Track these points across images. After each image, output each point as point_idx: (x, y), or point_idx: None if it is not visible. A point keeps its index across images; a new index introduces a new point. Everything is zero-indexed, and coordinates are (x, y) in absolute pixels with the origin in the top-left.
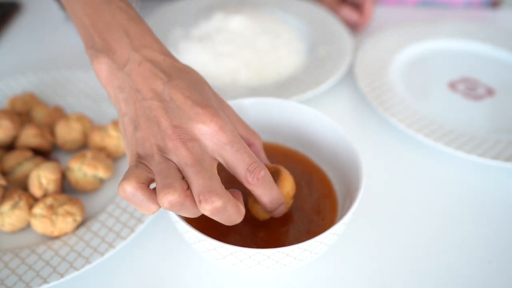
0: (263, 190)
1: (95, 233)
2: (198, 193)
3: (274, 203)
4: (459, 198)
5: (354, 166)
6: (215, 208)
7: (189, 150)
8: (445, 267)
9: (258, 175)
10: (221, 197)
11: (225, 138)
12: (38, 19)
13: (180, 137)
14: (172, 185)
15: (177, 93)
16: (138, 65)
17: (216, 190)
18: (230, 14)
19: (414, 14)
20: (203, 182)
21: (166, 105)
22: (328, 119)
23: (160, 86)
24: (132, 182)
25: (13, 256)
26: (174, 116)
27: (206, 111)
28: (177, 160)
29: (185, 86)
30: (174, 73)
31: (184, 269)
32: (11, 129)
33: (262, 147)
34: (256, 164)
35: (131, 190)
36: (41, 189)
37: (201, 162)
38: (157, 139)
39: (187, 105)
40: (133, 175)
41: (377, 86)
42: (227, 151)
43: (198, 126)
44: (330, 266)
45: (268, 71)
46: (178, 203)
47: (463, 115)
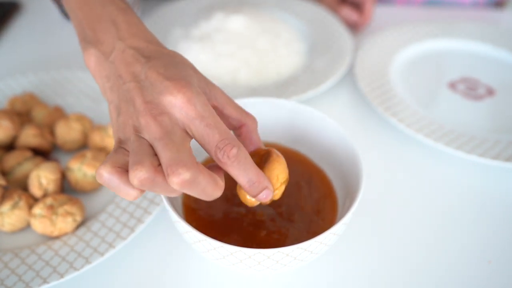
0: (237, 170)
1: (95, 233)
2: (166, 166)
3: (253, 187)
4: (459, 198)
5: (354, 166)
6: (183, 181)
7: (159, 124)
8: (445, 267)
9: (229, 153)
10: (189, 168)
11: (193, 112)
12: (38, 19)
13: (151, 112)
14: (140, 161)
15: (152, 71)
16: (121, 52)
17: (184, 162)
18: (230, 14)
19: (414, 14)
20: (170, 154)
21: (141, 84)
22: (328, 119)
23: (138, 68)
24: (107, 167)
25: (13, 256)
26: (147, 93)
27: (175, 83)
28: (148, 136)
29: (162, 64)
30: (155, 56)
31: (184, 269)
32: (11, 129)
33: (256, 129)
34: (227, 141)
35: (107, 175)
36: (41, 189)
37: (170, 134)
38: (133, 119)
39: (159, 80)
40: (110, 160)
41: (377, 86)
42: (196, 125)
43: (167, 98)
44: (330, 266)
45: (268, 71)
46: (147, 179)
47: (463, 115)
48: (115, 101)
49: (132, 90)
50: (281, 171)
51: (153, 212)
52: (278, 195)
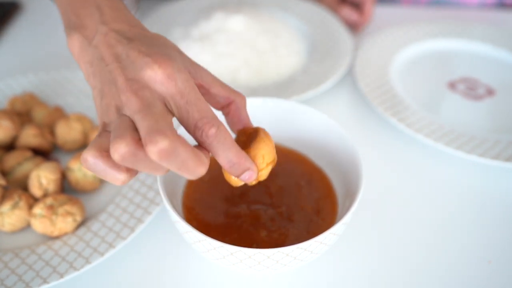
0: (216, 150)
1: (95, 233)
2: (144, 136)
3: (234, 168)
4: (459, 198)
5: (354, 166)
6: (162, 150)
7: (139, 98)
8: (445, 267)
9: (208, 132)
10: (168, 136)
11: (173, 87)
12: (38, 19)
13: (132, 87)
14: (120, 135)
15: (133, 50)
16: (104, 35)
17: (162, 130)
18: (230, 14)
19: (414, 14)
20: (148, 123)
21: (123, 64)
22: (328, 119)
23: (120, 49)
24: (91, 151)
25: (13, 256)
26: (128, 71)
27: (155, 58)
28: (129, 112)
29: (144, 44)
30: (138, 37)
31: (184, 269)
32: (11, 129)
33: (244, 106)
34: (206, 120)
35: (92, 159)
36: (41, 189)
37: (149, 106)
38: (115, 99)
39: (139, 57)
40: (94, 144)
41: (377, 86)
42: (176, 101)
43: (147, 73)
44: (330, 266)
45: (268, 71)
46: (129, 153)
47: (463, 115)
48: (98, 86)
49: (114, 71)
50: (268, 151)
51: (153, 212)
52: (264, 176)
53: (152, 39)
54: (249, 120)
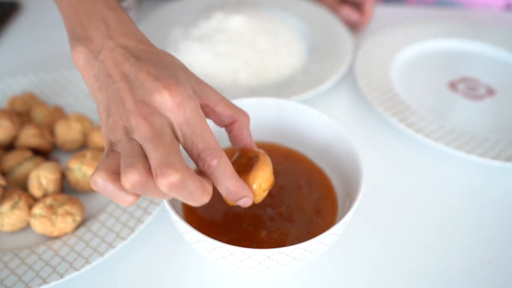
0: (216, 179)
1: (95, 233)
2: (155, 167)
3: (231, 195)
4: (459, 198)
5: (354, 166)
6: (172, 183)
7: (149, 124)
8: (445, 267)
9: (210, 163)
10: (178, 170)
11: (182, 116)
12: (38, 19)
13: (141, 111)
14: (132, 164)
15: (142, 71)
16: (111, 51)
17: (173, 163)
18: (230, 14)
19: (414, 14)
20: (160, 155)
21: (131, 84)
22: (328, 119)
23: (128, 68)
24: (101, 173)
25: (13, 256)
26: (137, 93)
27: (165, 83)
28: (139, 137)
29: (152, 64)
30: (145, 56)
31: (184, 269)
32: (10, 129)
33: (247, 125)
34: (209, 152)
35: (101, 182)
36: (40, 189)
37: (160, 135)
38: (123, 120)
39: (149, 80)
40: (103, 165)
41: (377, 86)
42: (182, 130)
43: (157, 99)
44: (330, 266)
45: (268, 71)
46: (140, 183)
47: (463, 115)
48: (104, 101)
49: (122, 90)
50: (265, 179)
51: (153, 212)
52: (259, 200)
53: (159, 56)
54: (251, 140)
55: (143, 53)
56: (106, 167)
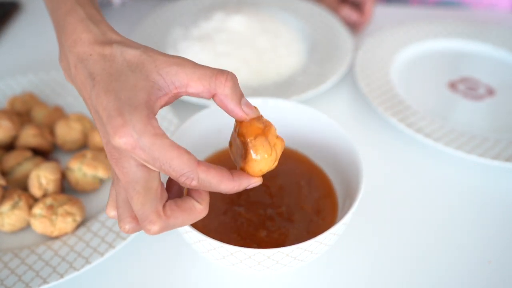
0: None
1: (95, 233)
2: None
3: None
4: (459, 198)
5: (354, 166)
6: (155, 233)
7: (120, 170)
8: (445, 267)
9: (191, 184)
10: (155, 223)
11: (143, 156)
12: (38, 19)
13: (113, 157)
14: (121, 217)
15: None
16: (75, 69)
17: (149, 217)
18: (230, 14)
19: (414, 14)
20: (137, 209)
21: (99, 121)
22: (328, 119)
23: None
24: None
25: (13, 256)
26: (103, 133)
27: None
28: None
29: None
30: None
31: (184, 269)
32: (10, 129)
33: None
34: (185, 177)
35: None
36: (41, 189)
37: (132, 183)
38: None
39: (105, 120)
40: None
41: (377, 86)
42: (152, 165)
43: (117, 143)
44: (330, 266)
45: (268, 71)
46: (133, 229)
47: (463, 115)
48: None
49: (96, 122)
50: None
51: None
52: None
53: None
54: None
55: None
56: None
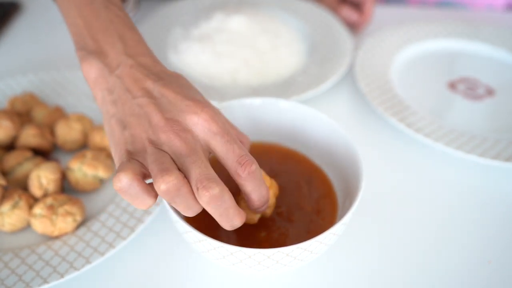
0: (252, 186)
1: (95, 233)
2: (196, 181)
3: (261, 201)
4: (459, 198)
5: (354, 166)
6: (213, 196)
7: (183, 140)
8: (445, 267)
9: (249, 169)
10: (219, 184)
11: (215, 128)
12: (38, 19)
13: (173, 128)
14: (169, 169)
15: (167, 89)
16: (129, 68)
17: (215, 178)
18: (230, 14)
19: (414, 15)
20: (201, 170)
21: (157, 101)
22: (328, 119)
23: (151, 85)
24: (129, 172)
25: (13, 256)
26: (165, 110)
27: (196, 103)
28: (171, 151)
29: (174, 84)
30: (163, 75)
31: (184, 269)
32: (11, 129)
33: (248, 147)
34: (247, 157)
35: (127, 181)
36: (41, 189)
37: (196, 152)
38: (148, 134)
39: (178, 99)
40: (129, 166)
41: (377, 86)
42: (217, 141)
43: (190, 117)
44: (330, 266)
45: (268, 71)
46: (175, 186)
47: (463, 115)
48: (118, 115)
49: (147, 106)
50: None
51: (153, 212)
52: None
53: (177, 78)
54: None
55: (161, 73)
56: (132, 168)
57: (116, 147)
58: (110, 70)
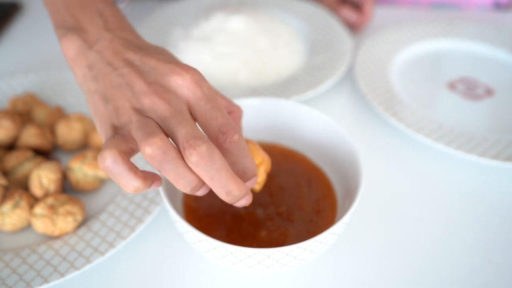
0: (235, 156)
1: (96, 233)
2: (183, 141)
3: (247, 174)
4: (459, 198)
5: (354, 166)
6: (200, 153)
7: (167, 102)
8: (445, 266)
9: (231, 138)
10: (206, 141)
11: (200, 92)
12: (39, 19)
13: (156, 91)
14: (154, 132)
15: (149, 57)
16: (109, 42)
17: (201, 136)
18: (230, 14)
19: (414, 15)
20: (187, 130)
21: (139, 69)
22: (328, 119)
23: (132, 55)
24: (112, 150)
25: (14, 255)
26: (148, 76)
27: (180, 65)
28: (156, 116)
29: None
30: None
31: (184, 269)
32: (12, 129)
33: (241, 117)
34: (230, 126)
35: (111, 159)
36: (41, 189)
37: (181, 112)
38: (132, 102)
39: (161, 64)
40: (113, 144)
41: (377, 86)
42: (200, 106)
43: (173, 78)
44: (330, 266)
45: (268, 71)
46: (160, 149)
47: (462, 115)
48: (100, 90)
49: (129, 74)
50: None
51: (153, 212)
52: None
53: (160, 49)
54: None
55: (143, 45)
56: (117, 145)
57: (101, 124)
58: (89, 46)
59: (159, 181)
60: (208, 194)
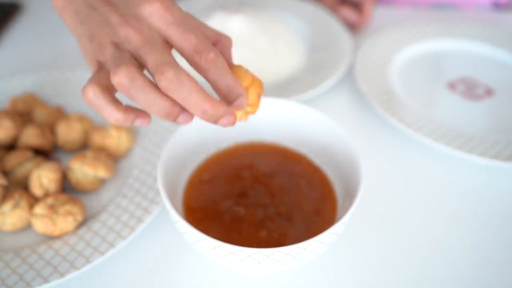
0: (214, 75)
1: (96, 233)
2: (152, 68)
3: (231, 93)
4: (459, 197)
5: (354, 166)
6: (168, 78)
7: (139, 32)
8: (445, 266)
9: (207, 57)
10: (174, 67)
11: (171, 18)
12: (39, 19)
13: (129, 22)
14: (123, 62)
15: None
16: None
17: (170, 62)
18: (230, 14)
19: (413, 15)
20: (155, 57)
21: (116, 5)
22: (328, 119)
23: None
24: (93, 84)
25: (14, 255)
26: (121, 9)
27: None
28: (130, 47)
29: None
30: None
31: (184, 269)
32: (12, 129)
33: (230, 46)
34: (204, 46)
35: (92, 93)
36: (42, 189)
37: (152, 41)
38: (110, 36)
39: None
40: (95, 78)
41: (377, 86)
42: (173, 31)
43: (143, 7)
44: (330, 266)
45: (268, 71)
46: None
47: (462, 115)
48: (86, 32)
49: (107, 12)
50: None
51: (153, 211)
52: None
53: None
54: (232, 60)
55: None
56: (99, 79)
57: (89, 62)
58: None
59: (146, 119)
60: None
